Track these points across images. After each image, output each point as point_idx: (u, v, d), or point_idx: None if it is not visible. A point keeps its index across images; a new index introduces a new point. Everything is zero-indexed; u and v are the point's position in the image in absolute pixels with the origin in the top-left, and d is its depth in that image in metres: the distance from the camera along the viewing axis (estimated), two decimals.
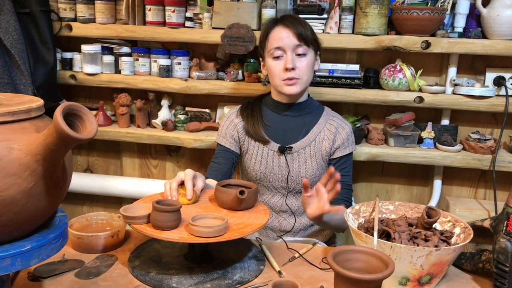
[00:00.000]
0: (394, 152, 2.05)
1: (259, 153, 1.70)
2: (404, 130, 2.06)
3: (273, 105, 1.72)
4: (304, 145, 1.68)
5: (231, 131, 1.74)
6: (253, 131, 1.69)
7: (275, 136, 1.70)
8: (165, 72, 2.16)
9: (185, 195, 1.33)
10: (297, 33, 1.58)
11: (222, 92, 2.14)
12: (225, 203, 1.31)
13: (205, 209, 1.32)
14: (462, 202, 2.14)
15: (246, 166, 1.73)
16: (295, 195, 1.71)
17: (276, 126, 1.70)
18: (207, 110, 2.28)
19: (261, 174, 1.69)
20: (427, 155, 2.03)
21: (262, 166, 1.69)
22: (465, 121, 2.14)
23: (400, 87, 2.02)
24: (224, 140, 1.74)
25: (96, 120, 0.82)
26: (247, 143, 1.72)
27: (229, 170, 1.71)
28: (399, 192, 2.28)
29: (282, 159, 1.68)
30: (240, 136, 1.72)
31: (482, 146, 2.00)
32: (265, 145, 1.69)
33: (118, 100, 2.22)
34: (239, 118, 1.75)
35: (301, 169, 1.67)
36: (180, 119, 2.23)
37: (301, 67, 1.59)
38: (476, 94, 1.96)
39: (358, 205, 1.37)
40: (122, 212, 1.21)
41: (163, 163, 2.42)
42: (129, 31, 2.15)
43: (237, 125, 1.73)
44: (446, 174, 2.19)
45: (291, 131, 1.69)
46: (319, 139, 1.69)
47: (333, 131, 1.69)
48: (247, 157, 1.72)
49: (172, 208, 1.16)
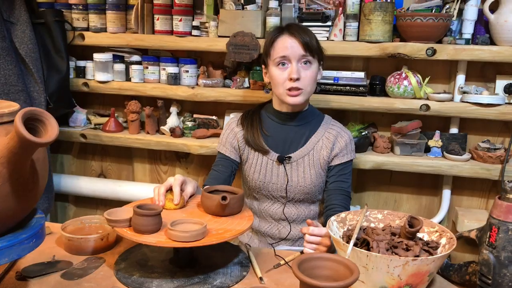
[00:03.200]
0: (400, 160, 2.01)
1: (259, 162, 1.70)
2: (410, 139, 2.03)
3: (274, 115, 1.73)
4: (303, 154, 1.68)
5: (231, 140, 1.75)
6: (253, 141, 1.69)
7: (274, 146, 1.70)
8: (173, 79, 2.21)
9: (173, 200, 1.36)
10: (303, 43, 1.57)
11: (228, 99, 2.16)
12: (209, 208, 1.32)
13: (190, 214, 1.34)
14: (472, 213, 2.08)
15: (246, 175, 1.74)
16: (294, 204, 1.71)
17: (276, 136, 1.71)
18: (214, 117, 2.30)
19: (260, 183, 1.70)
20: (434, 164, 1.99)
21: (261, 175, 1.69)
22: (475, 129, 2.08)
23: (406, 95, 1.99)
24: (224, 148, 1.76)
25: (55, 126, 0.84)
26: (247, 152, 1.73)
27: (228, 178, 1.73)
28: (408, 202, 2.23)
29: (281, 168, 1.68)
30: (240, 145, 1.74)
31: (490, 156, 1.94)
32: (265, 155, 1.69)
33: (129, 107, 2.27)
34: (239, 127, 1.76)
35: (300, 179, 1.67)
36: (188, 126, 2.26)
37: (306, 78, 1.59)
38: (484, 102, 1.91)
39: (345, 213, 1.35)
40: (106, 216, 1.24)
41: (172, 169, 2.46)
42: (138, 40, 2.20)
43: (237, 134, 1.75)
44: (456, 183, 2.13)
45: (291, 141, 1.69)
46: (318, 148, 1.68)
47: (331, 139, 1.68)
48: (247, 166, 1.73)
49: (152, 213, 1.18)
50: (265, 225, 1.74)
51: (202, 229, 1.16)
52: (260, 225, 1.75)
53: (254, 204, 1.76)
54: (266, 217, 1.74)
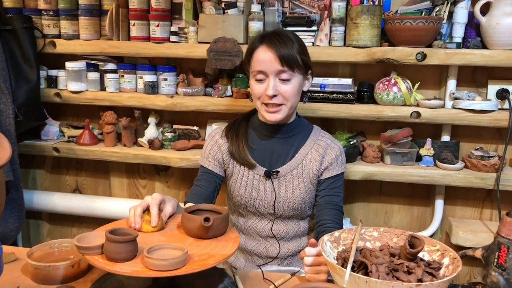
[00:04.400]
0: (390, 170, 1.92)
1: (244, 177, 1.59)
2: (401, 147, 1.94)
3: (259, 127, 1.62)
4: (291, 168, 1.57)
5: (215, 153, 1.64)
6: (238, 154, 1.58)
7: (261, 160, 1.59)
8: (150, 88, 2.09)
9: (150, 222, 1.24)
10: (280, 57, 1.44)
11: (209, 108, 2.05)
12: (191, 230, 1.20)
13: (170, 237, 1.22)
14: (466, 223, 2.00)
15: (231, 190, 1.63)
16: (283, 220, 1.60)
17: (262, 149, 1.60)
18: (195, 127, 2.19)
19: (247, 200, 1.59)
20: (426, 174, 1.90)
21: (247, 191, 1.58)
22: (468, 136, 2.01)
23: (395, 102, 1.90)
24: (207, 162, 1.64)
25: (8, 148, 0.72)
26: (232, 166, 1.62)
27: (211, 194, 1.61)
28: (399, 213, 2.14)
29: (268, 184, 1.57)
30: (225, 158, 1.62)
31: (485, 164, 1.86)
32: (251, 169, 1.59)
33: (104, 118, 2.14)
34: (223, 139, 1.65)
35: (289, 194, 1.56)
36: (168, 137, 2.14)
37: (285, 93, 1.48)
38: (477, 108, 1.83)
39: (338, 232, 1.25)
40: (76, 242, 1.11)
41: (152, 183, 2.33)
42: (113, 47, 2.08)
43: (222, 146, 1.63)
44: (449, 193, 2.05)
45: (278, 154, 1.59)
46: (306, 161, 1.58)
47: (321, 152, 1.58)
48: (232, 181, 1.62)
49: (126, 239, 1.06)
50: (252, 243, 1.62)
51: (182, 256, 1.04)
52: (247, 243, 1.63)
53: (240, 221, 1.65)
54: (253, 234, 1.63)
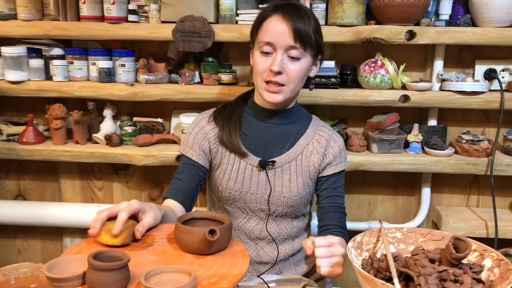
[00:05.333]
0: (379, 159, 1.78)
1: (235, 168, 1.38)
2: (389, 134, 1.80)
3: (254, 110, 1.42)
4: (289, 159, 1.39)
5: (200, 141, 1.41)
6: (229, 141, 1.37)
7: (254, 148, 1.39)
8: (106, 76, 1.81)
9: (111, 231, 0.99)
10: (295, 30, 1.25)
11: (176, 97, 1.81)
12: (189, 246, 0.98)
13: (162, 254, 0.99)
14: (455, 212, 1.91)
15: (217, 183, 1.41)
16: (275, 219, 1.41)
17: (256, 136, 1.40)
18: (159, 119, 1.94)
19: (236, 194, 1.38)
20: (416, 162, 1.78)
21: (237, 183, 1.38)
22: (454, 120, 1.91)
23: (383, 85, 1.76)
24: (190, 152, 1.41)
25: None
26: (220, 155, 1.40)
27: (194, 189, 1.39)
28: (383, 204, 2.02)
29: (262, 175, 1.38)
30: (212, 147, 1.40)
31: (477, 149, 1.76)
32: (242, 159, 1.38)
33: (51, 112, 1.84)
34: (211, 124, 1.43)
35: (285, 188, 1.38)
36: (127, 132, 1.88)
37: (291, 73, 1.29)
38: (468, 89, 1.73)
39: (360, 236, 1.08)
40: (47, 273, 0.86)
41: (109, 184, 2.06)
42: (60, 29, 1.78)
43: (209, 133, 1.41)
44: (435, 181, 1.95)
45: (274, 142, 1.40)
46: (307, 152, 1.40)
47: (323, 143, 1.41)
48: (219, 172, 1.41)
49: (115, 265, 0.82)
50: None
51: (190, 283, 0.82)
52: None
53: None
54: (241, 236, 1.43)
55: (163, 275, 0.87)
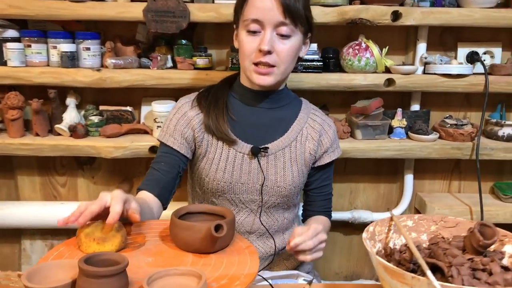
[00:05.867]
0: (364, 146, 1.71)
1: (223, 157, 1.27)
2: (373, 120, 1.73)
3: (241, 94, 1.31)
4: (283, 145, 1.29)
5: (182, 128, 1.29)
6: (216, 127, 1.25)
7: (243, 135, 1.28)
8: (69, 61, 1.64)
9: (95, 239, 0.86)
10: (284, 5, 1.14)
11: (148, 83, 1.66)
12: (190, 244, 0.86)
13: (158, 255, 0.87)
14: (438, 198, 1.87)
15: (203, 175, 1.29)
16: (266, 210, 1.31)
17: (245, 122, 1.29)
18: (128, 108, 1.78)
19: (225, 185, 1.27)
20: (401, 147, 1.72)
21: (226, 173, 1.26)
22: (436, 105, 1.86)
23: (368, 68, 1.69)
24: (171, 140, 1.28)
25: None
26: (206, 143, 1.28)
27: (172, 181, 1.27)
28: (365, 192, 1.96)
29: (254, 164, 1.27)
30: (197, 135, 1.28)
31: (462, 133, 1.73)
32: (231, 146, 1.27)
33: (6, 101, 1.65)
34: (195, 110, 1.30)
35: (279, 177, 1.28)
36: (94, 122, 1.72)
37: (281, 52, 1.18)
38: (453, 72, 1.68)
39: (372, 226, 0.99)
40: (28, 283, 0.72)
41: (73, 180, 1.88)
42: (14, 8, 1.58)
43: (193, 119, 1.29)
44: (417, 167, 1.90)
45: (265, 128, 1.29)
46: (301, 138, 1.31)
47: (317, 129, 1.32)
48: (205, 163, 1.28)
49: (113, 270, 0.70)
50: None
51: (202, 287, 0.71)
52: None
53: None
54: None
55: (168, 279, 0.75)
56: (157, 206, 1.22)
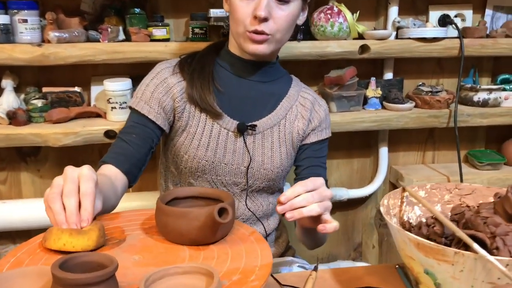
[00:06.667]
0: (340, 119, 1.60)
1: (206, 132, 1.10)
2: (348, 90, 1.62)
3: (231, 63, 1.14)
4: (272, 123, 1.14)
5: (161, 96, 1.10)
6: (201, 97, 1.08)
7: (229, 109, 1.12)
8: (3, 35, 1.40)
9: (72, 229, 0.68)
10: None
11: (99, 59, 1.45)
12: (185, 235, 0.70)
13: (146, 251, 0.70)
14: (414, 170, 1.80)
15: (181, 151, 1.12)
16: (250, 194, 1.17)
17: (232, 94, 1.13)
18: (76, 89, 1.57)
19: (207, 164, 1.10)
20: (378, 118, 1.63)
21: (209, 151, 1.10)
22: (408, 73, 1.78)
23: (341, 35, 1.57)
24: (147, 108, 1.10)
25: None
26: (188, 115, 1.11)
27: (143, 158, 1.09)
28: (338, 169, 1.85)
29: (239, 142, 1.12)
30: (177, 105, 1.11)
31: (438, 100, 1.65)
32: (216, 121, 1.11)
33: None
34: (177, 77, 1.12)
35: (266, 158, 1.14)
36: (36, 106, 1.49)
37: (279, 19, 1.03)
38: (428, 36, 1.60)
39: (386, 199, 0.87)
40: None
41: (15, 175, 1.64)
42: None
43: (174, 87, 1.11)
44: (391, 139, 1.82)
45: (253, 103, 1.14)
46: (291, 116, 1.17)
47: (308, 107, 1.19)
48: (185, 137, 1.11)
49: (100, 276, 0.53)
50: None
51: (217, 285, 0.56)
52: None
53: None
54: None
55: (168, 280, 0.59)
56: (123, 184, 1.04)
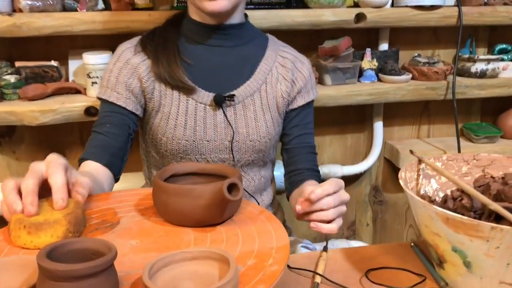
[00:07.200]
0: (335, 92, 1.52)
1: (182, 110, 1.02)
2: (343, 62, 1.54)
3: (195, 31, 1.05)
4: (251, 90, 1.05)
5: (126, 79, 1.02)
6: (169, 73, 1.00)
7: (202, 81, 1.03)
8: None
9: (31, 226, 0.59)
10: None
11: (77, 29, 1.34)
12: (189, 215, 0.62)
13: (144, 235, 0.62)
14: (409, 145, 1.73)
15: (159, 134, 1.03)
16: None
17: (202, 65, 1.04)
18: (53, 63, 1.45)
19: (188, 143, 1.02)
20: (375, 91, 1.55)
21: (188, 130, 1.01)
22: (403, 43, 1.71)
23: (336, 2, 1.48)
24: (114, 95, 1.01)
25: None
26: (159, 95, 1.02)
27: (124, 147, 1.01)
28: (331, 145, 1.78)
29: (219, 116, 1.03)
30: (146, 85, 1.02)
31: (436, 71, 1.59)
32: (190, 96, 1.02)
33: None
34: (139, 56, 1.03)
35: (250, 129, 1.05)
36: (9, 82, 1.37)
37: None
38: (426, 3, 1.53)
39: (403, 172, 0.80)
40: None
41: None
42: None
43: (138, 67, 1.02)
44: (386, 113, 1.75)
45: (227, 71, 1.05)
46: (271, 80, 1.08)
47: (289, 67, 1.10)
48: (160, 119, 1.03)
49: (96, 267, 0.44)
50: None
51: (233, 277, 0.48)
52: None
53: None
54: None
55: (175, 268, 0.50)
56: (107, 178, 0.96)
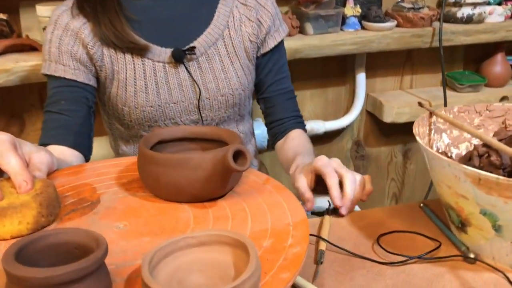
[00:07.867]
0: (318, 42, 1.41)
1: (139, 74, 0.89)
2: (326, 9, 1.43)
3: None
4: (213, 39, 0.92)
5: (69, 47, 0.87)
6: (115, 34, 0.86)
7: (156, 37, 0.90)
8: None
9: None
10: None
11: None
12: (185, 190, 0.52)
13: (131, 215, 0.51)
14: (393, 96, 1.66)
15: (119, 104, 0.91)
16: None
17: (152, 18, 0.91)
18: (2, 16, 1.28)
19: (153, 110, 0.90)
20: (359, 40, 1.45)
21: (150, 95, 0.89)
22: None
23: None
24: (60, 68, 0.87)
25: None
26: (110, 61, 0.89)
27: (87, 123, 0.89)
28: (312, 100, 1.69)
29: (182, 72, 0.91)
30: (93, 53, 0.88)
31: (422, 17, 1.50)
32: (144, 56, 0.89)
33: None
34: (78, 19, 0.89)
35: (219, 82, 0.93)
36: None
37: None
38: None
39: (416, 127, 0.72)
40: None
41: None
42: None
43: (80, 32, 0.88)
44: (368, 64, 1.67)
45: (182, 21, 0.92)
46: (234, 23, 0.95)
47: (251, 4, 0.96)
48: (116, 87, 0.90)
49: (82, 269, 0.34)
50: None
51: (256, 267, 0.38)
52: None
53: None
54: None
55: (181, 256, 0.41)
56: (77, 161, 0.85)
